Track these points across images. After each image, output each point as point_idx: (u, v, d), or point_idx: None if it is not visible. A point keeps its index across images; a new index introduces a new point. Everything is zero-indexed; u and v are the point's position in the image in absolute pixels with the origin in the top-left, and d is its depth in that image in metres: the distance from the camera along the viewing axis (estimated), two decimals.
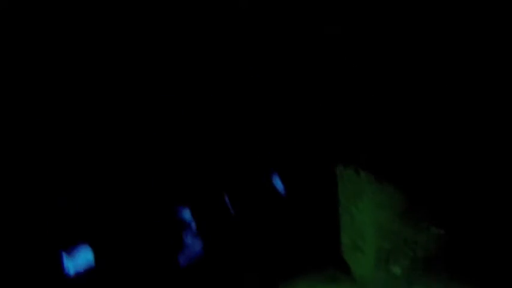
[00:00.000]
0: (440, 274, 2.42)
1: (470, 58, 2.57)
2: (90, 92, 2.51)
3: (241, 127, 2.74)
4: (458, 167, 2.53)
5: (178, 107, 2.69)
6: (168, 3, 2.66)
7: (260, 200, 2.73)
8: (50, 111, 2.45)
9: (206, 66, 2.73)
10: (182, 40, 2.71)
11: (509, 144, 2.47)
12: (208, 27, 2.72)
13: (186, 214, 2.62)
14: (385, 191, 2.50)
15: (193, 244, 2.59)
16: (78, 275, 2.37)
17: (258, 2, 2.75)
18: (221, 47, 2.75)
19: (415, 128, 2.59)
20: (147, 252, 2.57)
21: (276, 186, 2.73)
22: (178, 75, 2.70)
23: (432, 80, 2.61)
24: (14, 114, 2.40)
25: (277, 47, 2.74)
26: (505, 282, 2.31)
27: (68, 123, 2.44)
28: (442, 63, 2.60)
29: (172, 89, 2.70)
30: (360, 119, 2.64)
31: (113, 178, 2.56)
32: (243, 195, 2.71)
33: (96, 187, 2.53)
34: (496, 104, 2.52)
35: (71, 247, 2.39)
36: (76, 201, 2.48)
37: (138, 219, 2.58)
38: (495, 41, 2.54)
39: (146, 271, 2.55)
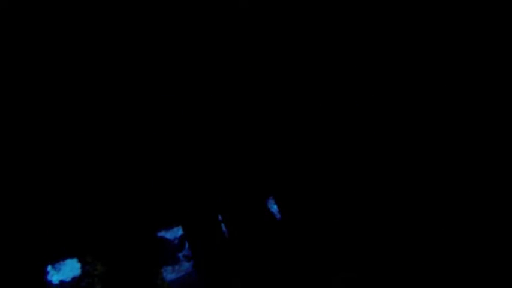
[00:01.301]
0: None
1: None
2: (87, 101, 2.44)
3: (241, 146, 2.66)
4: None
5: (175, 114, 2.61)
6: (168, 3, 2.57)
7: (253, 222, 2.67)
8: (46, 119, 2.38)
9: (206, 68, 2.65)
10: (182, 40, 2.62)
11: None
12: (208, 27, 2.62)
13: (180, 231, 2.58)
14: None
15: (185, 261, 2.56)
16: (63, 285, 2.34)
17: (258, 2, 2.65)
18: (221, 47, 2.65)
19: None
20: (138, 267, 2.53)
21: (271, 210, 2.67)
22: (179, 78, 2.62)
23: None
24: (11, 117, 2.34)
25: (277, 49, 2.65)
26: None
27: (62, 140, 2.38)
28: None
29: (172, 95, 2.63)
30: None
31: (107, 191, 2.50)
32: (236, 216, 2.65)
33: (91, 198, 2.48)
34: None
35: (58, 259, 2.35)
36: (68, 210, 2.43)
37: (131, 233, 2.53)
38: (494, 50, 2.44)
39: (137, 284, 2.51)
